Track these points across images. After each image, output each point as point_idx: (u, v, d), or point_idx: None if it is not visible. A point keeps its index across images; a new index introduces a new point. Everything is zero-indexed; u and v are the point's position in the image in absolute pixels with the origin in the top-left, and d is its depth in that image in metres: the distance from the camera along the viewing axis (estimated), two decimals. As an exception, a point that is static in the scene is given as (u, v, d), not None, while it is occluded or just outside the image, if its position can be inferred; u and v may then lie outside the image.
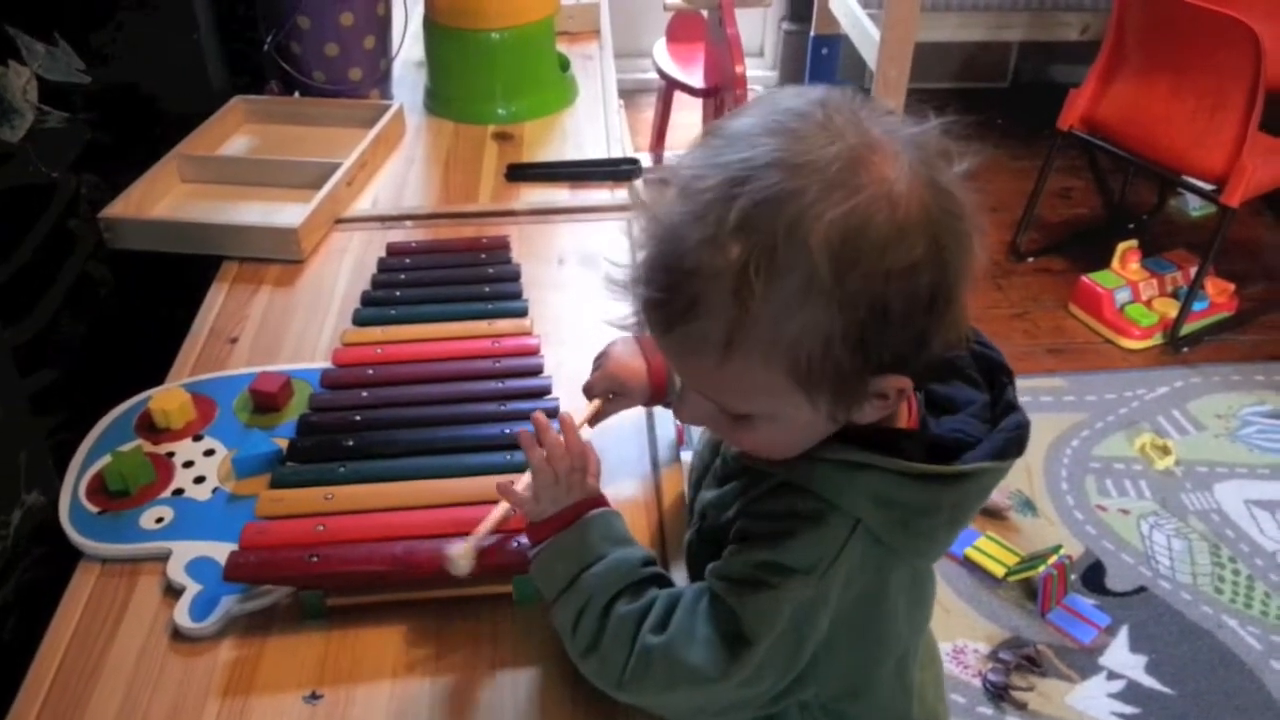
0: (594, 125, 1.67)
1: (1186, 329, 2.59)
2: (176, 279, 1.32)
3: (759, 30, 3.71)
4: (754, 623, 0.69)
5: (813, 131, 0.61)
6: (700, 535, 0.82)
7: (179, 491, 0.97)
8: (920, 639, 0.82)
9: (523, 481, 0.81)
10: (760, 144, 0.61)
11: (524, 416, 1.02)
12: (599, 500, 0.80)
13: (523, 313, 1.19)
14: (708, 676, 0.70)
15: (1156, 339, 2.60)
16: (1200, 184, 2.58)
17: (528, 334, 1.15)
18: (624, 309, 0.68)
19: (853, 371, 0.62)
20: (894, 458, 0.68)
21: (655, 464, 1.03)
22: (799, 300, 0.59)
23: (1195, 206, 3.07)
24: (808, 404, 0.64)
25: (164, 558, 0.91)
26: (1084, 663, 1.83)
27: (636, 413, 1.07)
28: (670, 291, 0.62)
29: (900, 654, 0.80)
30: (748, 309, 0.60)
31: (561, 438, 0.80)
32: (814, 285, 0.59)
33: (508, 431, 1.00)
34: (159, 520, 0.94)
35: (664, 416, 1.07)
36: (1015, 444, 0.71)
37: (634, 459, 1.03)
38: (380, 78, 1.71)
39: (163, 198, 1.41)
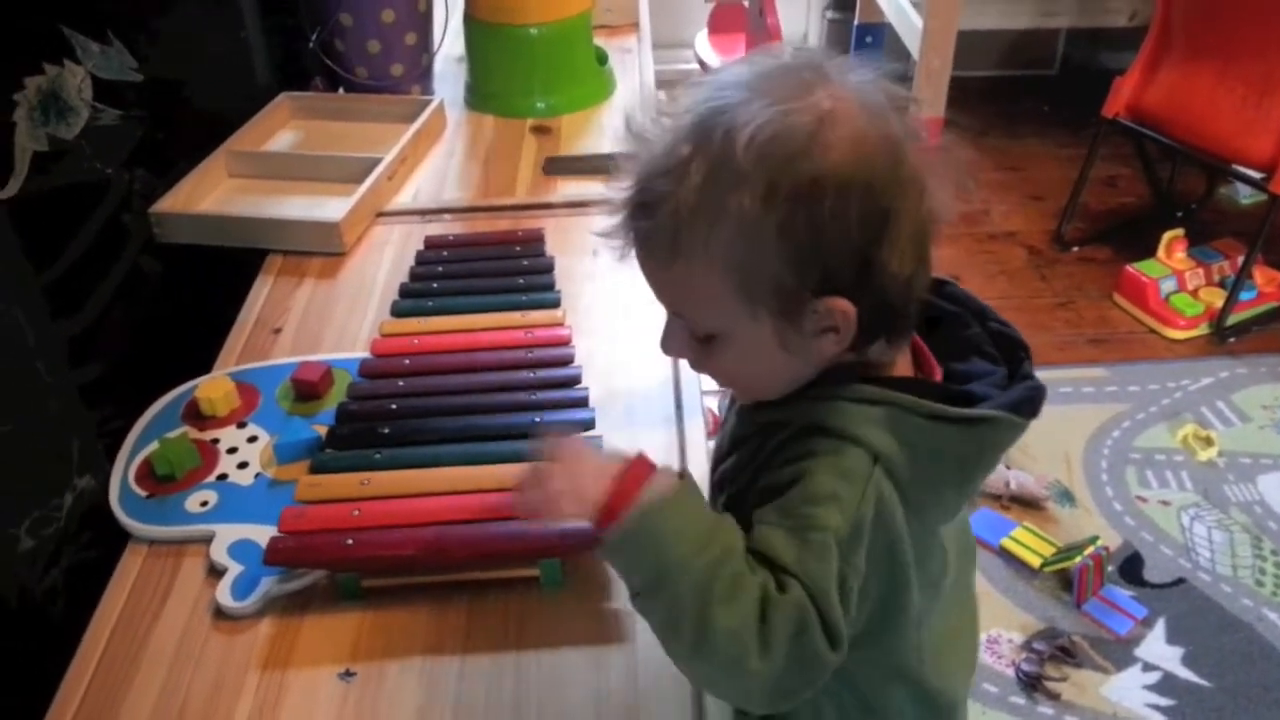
0: (631, 118, 1.69)
1: (1233, 319, 2.56)
2: (222, 272, 1.36)
3: (803, 18, 3.71)
4: (818, 577, 0.67)
5: (775, 66, 0.70)
6: (723, 506, 0.81)
7: (223, 476, 1.01)
8: (933, 606, 0.80)
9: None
10: (735, 71, 0.70)
11: (555, 405, 1.05)
12: (650, 462, 0.72)
13: (555, 304, 1.22)
14: (822, 654, 0.67)
15: (1202, 329, 2.58)
16: (1249, 172, 2.55)
17: (560, 325, 1.18)
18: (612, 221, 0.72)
19: (791, 282, 0.67)
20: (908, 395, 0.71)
21: (683, 452, 1.05)
22: (728, 199, 0.65)
23: (1245, 195, 3.03)
24: (752, 319, 0.69)
25: (208, 540, 0.94)
26: (1119, 654, 1.83)
27: (665, 400, 1.10)
28: (637, 192, 0.70)
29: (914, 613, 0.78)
30: (688, 205, 0.66)
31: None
32: (742, 185, 0.65)
33: (539, 420, 1.03)
34: (203, 504, 0.98)
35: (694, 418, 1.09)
36: (1028, 402, 0.73)
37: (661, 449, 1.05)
38: (421, 73, 1.74)
39: (210, 192, 1.45)
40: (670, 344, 0.76)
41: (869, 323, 0.69)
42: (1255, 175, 2.53)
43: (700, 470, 1.02)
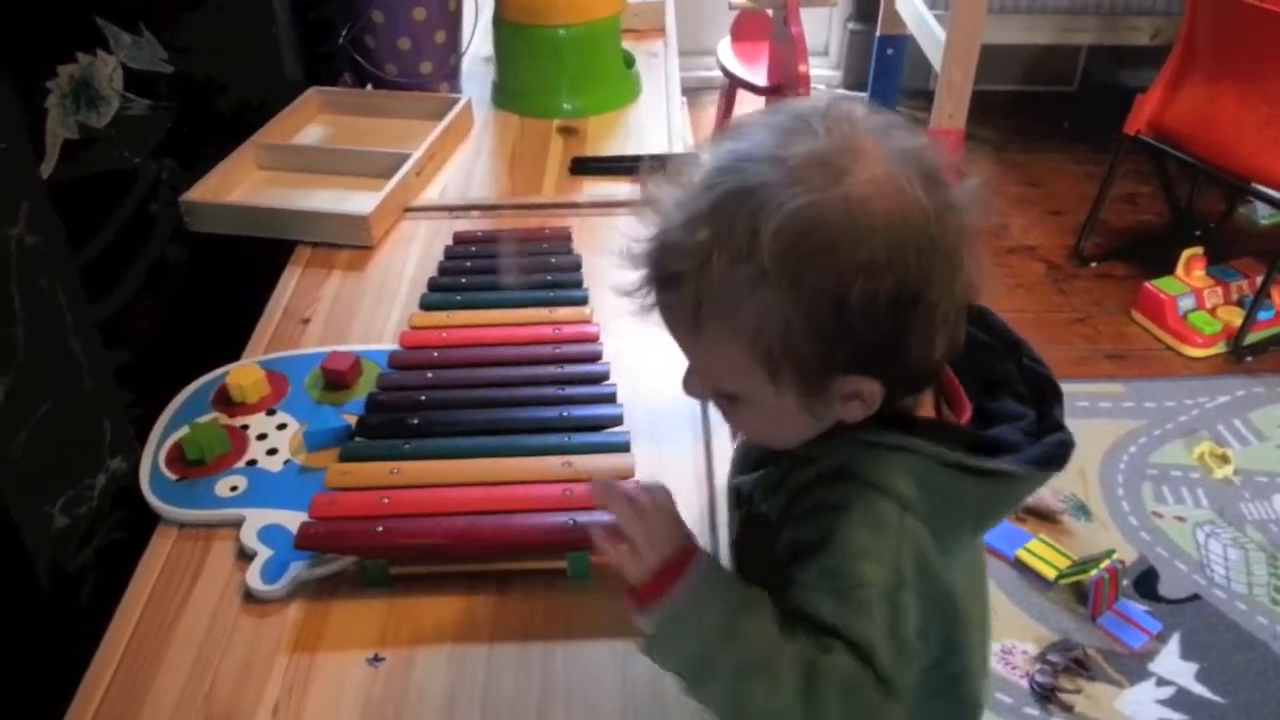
0: (657, 121, 1.70)
1: (1251, 338, 2.56)
2: (248, 262, 1.37)
3: (824, 30, 3.72)
4: (862, 634, 0.66)
5: (801, 131, 0.65)
6: (742, 522, 0.81)
7: (252, 462, 1.01)
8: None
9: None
10: (753, 138, 0.66)
11: (583, 401, 1.06)
12: (696, 545, 0.72)
13: (583, 301, 1.22)
14: (878, 705, 0.66)
15: (1219, 348, 2.57)
16: (1270, 192, 2.54)
17: (588, 322, 1.18)
18: (632, 279, 0.71)
19: (815, 363, 0.65)
20: (932, 444, 0.70)
21: (709, 459, 1.05)
22: (752, 285, 0.63)
23: (1264, 215, 3.03)
24: (774, 389, 0.67)
25: (237, 524, 0.95)
26: (1133, 668, 1.83)
27: (690, 400, 1.10)
28: (657, 266, 0.68)
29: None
30: (710, 288, 0.64)
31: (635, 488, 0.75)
32: (766, 273, 0.62)
33: (565, 415, 1.03)
34: (233, 489, 0.98)
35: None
36: (1054, 458, 0.72)
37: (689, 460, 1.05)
38: (450, 72, 1.75)
39: (240, 183, 1.46)
40: (690, 388, 0.75)
41: (896, 393, 0.69)
42: (1276, 195, 2.52)
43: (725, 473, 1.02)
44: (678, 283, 0.66)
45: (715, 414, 1.08)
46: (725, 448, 1.05)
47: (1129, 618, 1.90)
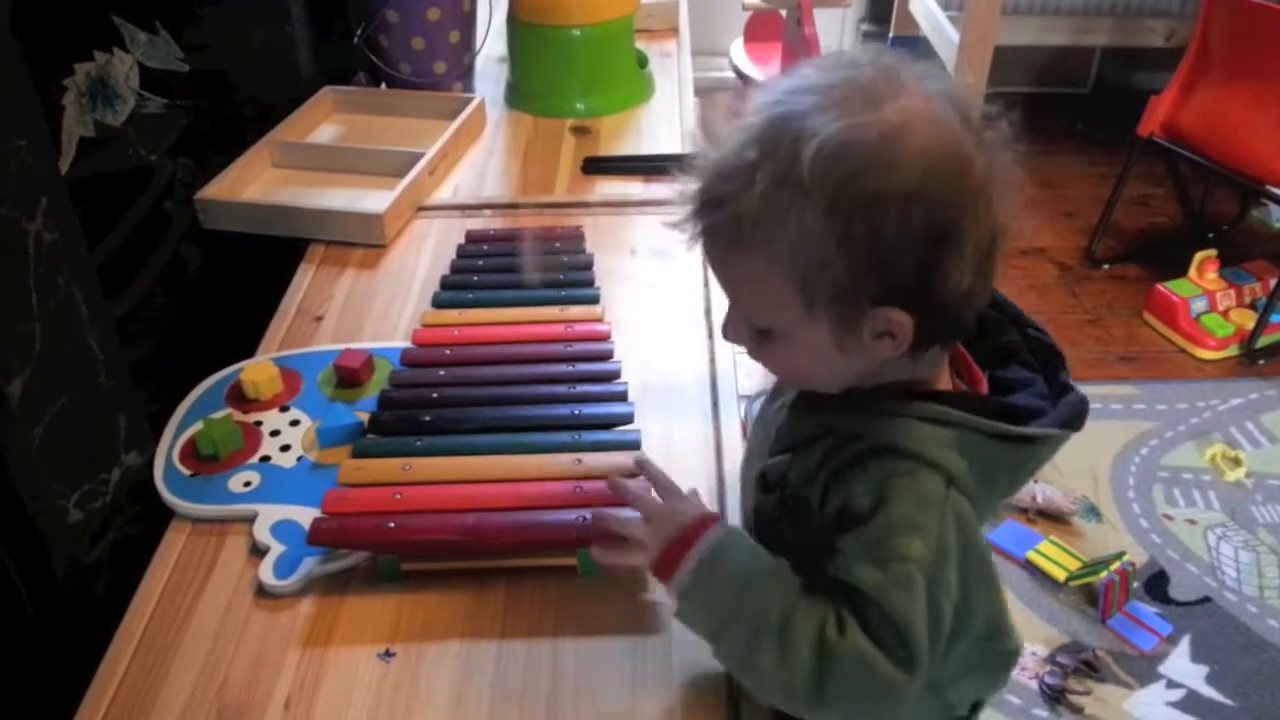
0: (669, 121, 1.71)
1: (1264, 341, 2.55)
2: (264, 260, 1.38)
3: (838, 31, 3.71)
4: (901, 606, 0.68)
5: (847, 67, 0.69)
6: (775, 509, 0.81)
7: (266, 458, 1.02)
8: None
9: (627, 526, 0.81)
10: (807, 75, 0.70)
11: (594, 399, 1.06)
12: (715, 515, 0.80)
13: (595, 300, 1.23)
14: (896, 681, 0.68)
15: (1232, 350, 2.56)
16: (1284, 194, 2.54)
17: (599, 320, 1.19)
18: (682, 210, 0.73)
19: (849, 290, 0.67)
20: (974, 415, 0.72)
21: (719, 450, 1.06)
22: (790, 205, 0.65)
23: (1278, 217, 3.02)
24: (810, 321, 0.69)
25: (250, 519, 0.96)
26: (1143, 670, 1.83)
27: (702, 398, 1.11)
28: (706, 189, 0.70)
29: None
30: (751, 210, 0.67)
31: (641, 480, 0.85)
32: (805, 193, 0.65)
33: (577, 412, 1.04)
34: (246, 484, 0.99)
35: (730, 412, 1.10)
36: (1078, 416, 0.75)
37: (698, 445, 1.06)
38: (464, 72, 1.76)
39: (254, 182, 1.47)
40: (729, 331, 0.77)
41: (926, 331, 0.70)
42: (1290, 198, 2.52)
43: (735, 462, 1.03)
44: (723, 203, 0.68)
45: (726, 414, 1.09)
46: (734, 446, 1.05)
47: (1139, 620, 1.90)
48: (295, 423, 1.06)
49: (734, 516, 0.95)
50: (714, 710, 0.81)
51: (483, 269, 1.29)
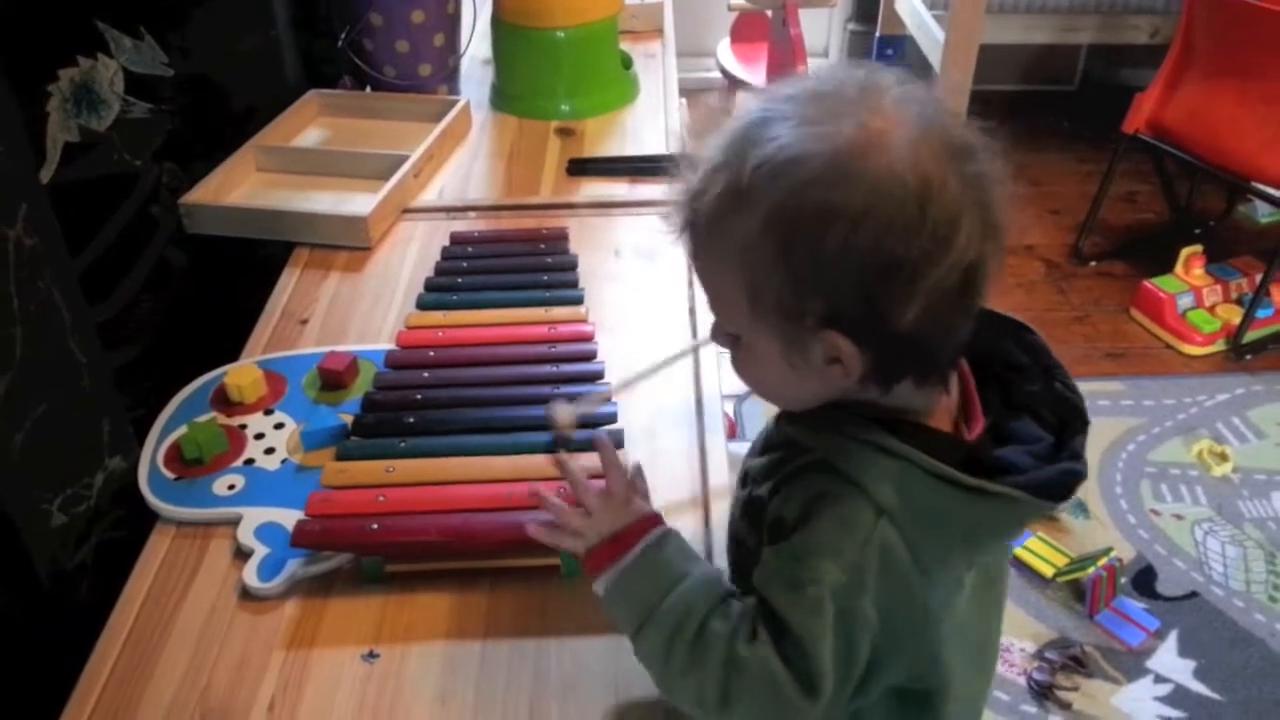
0: (654, 122, 1.71)
1: (1250, 336, 2.57)
2: (247, 264, 1.38)
3: (824, 30, 3.72)
4: (805, 631, 0.67)
5: (827, 86, 0.67)
6: (742, 503, 0.82)
7: (250, 461, 1.02)
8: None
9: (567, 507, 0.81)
10: (797, 84, 0.69)
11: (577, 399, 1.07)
12: (657, 517, 0.79)
13: (579, 301, 1.23)
14: (798, 704, 0.68)
15: (1219, 345, 2.58)
16: (1269, 190, 2.55)
17: (583, 321, 1.19)
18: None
19: (793, 306, 0.65)
20: (923, 453, 0.68)
21: (704, 454, 1.06)
22: (737, 210, 0.65)
23: (1264, 213, 3.04)
24: (763, 331, 0.68)
25: (234, 522, 0.96)
26: (1131, 665, 1.83)
27: (685, 402, 1.11)
28: (685, 185, 0.70)
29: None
30: (705, 213, 0.67)
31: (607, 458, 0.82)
32: (744, 206, 0.65)
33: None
34: (231, 487, 0.99)
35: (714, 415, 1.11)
36: (1057, 486, 0.69)
37: (684, 451, 1.06)
38: (448, 74, 1.76)
39: (239, 185, 1.47)
40: (715, 333, 0.76)
41: (883, 364, 0.67)
42: (1275, 193, 2.53)
43: (719, 469, 1.03)
44: (689, 202, 0.69)
45: (709, 415, 1.10)
46: (717, 446, 1.06)
47: (1127, 615, 1.91)
48: (280, 426, 1.06)
49: (718, 515, 0.96)
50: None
51: (467, 271, 1.30)
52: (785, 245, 0.64)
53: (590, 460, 0.94)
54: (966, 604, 0.76)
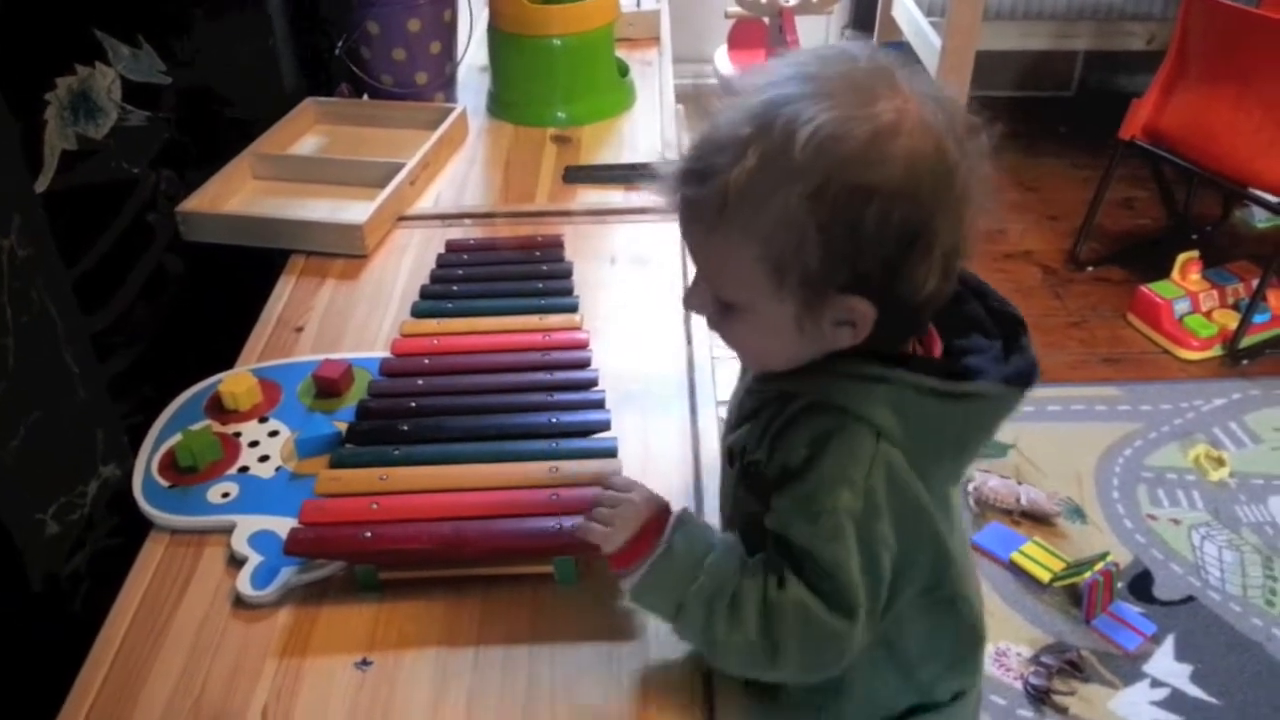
0: (650, 130, 1.72)
1: (1246, 341, 2.57)
2: (244, 272, 1.38)
3: (821, 37, 3.72)
4: (831, 556, 0.73)
5: (846, 63, 0.71)
6: (735, 479, 0.85)
7: (244, 469, 1.02)
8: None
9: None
10: (805, 63, 0.72)
11: (572, 407, 1.07)
12: (668, 507, 0.83)
13: (573, 308, 1.23)
14: (838, 628, 0.73)
15: (1215, 350, 2.58)
16: (1265, 195, 2.55)
17: (578, 329, 1.19)
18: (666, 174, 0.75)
19: (819, 276, 0.70)
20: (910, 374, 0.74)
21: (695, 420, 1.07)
22: (777, 186, 0.68)
23: (1260, 218, 3.04)
24: (776, 300, 0.71)
25: (229, 530, 0.96)
26: (1127, 669, 1.83)
27: (681, 406, 1.11)
28: (696, 159, 0.72)
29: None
30: (738, 185, 0.68)
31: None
32: (793, 179, 0.67)
33: (554, 420, 1.04)
34: (225, 495, 0.99)
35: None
36: (1022, 375, 0.76)
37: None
38: (445, 82, 1.76)
39: (236, 193, 1.48)
40: (692, 301, 0.79)
41: (886, 324, 0.73)
42: (1271, 199, 2.53)
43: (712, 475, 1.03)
44: (711, 174, 0.70)
45: (704, 421, 1.10)
46: (712, 452, 1.06)
47: (1123, 620, 1.91)
48: (274, 433, 1.07)
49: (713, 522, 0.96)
50: (688, 713, 0.82)
51: (462, 278, 1.30)
52: (825, 220, 0.67)
53: (585, 467, 0.95)
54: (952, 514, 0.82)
